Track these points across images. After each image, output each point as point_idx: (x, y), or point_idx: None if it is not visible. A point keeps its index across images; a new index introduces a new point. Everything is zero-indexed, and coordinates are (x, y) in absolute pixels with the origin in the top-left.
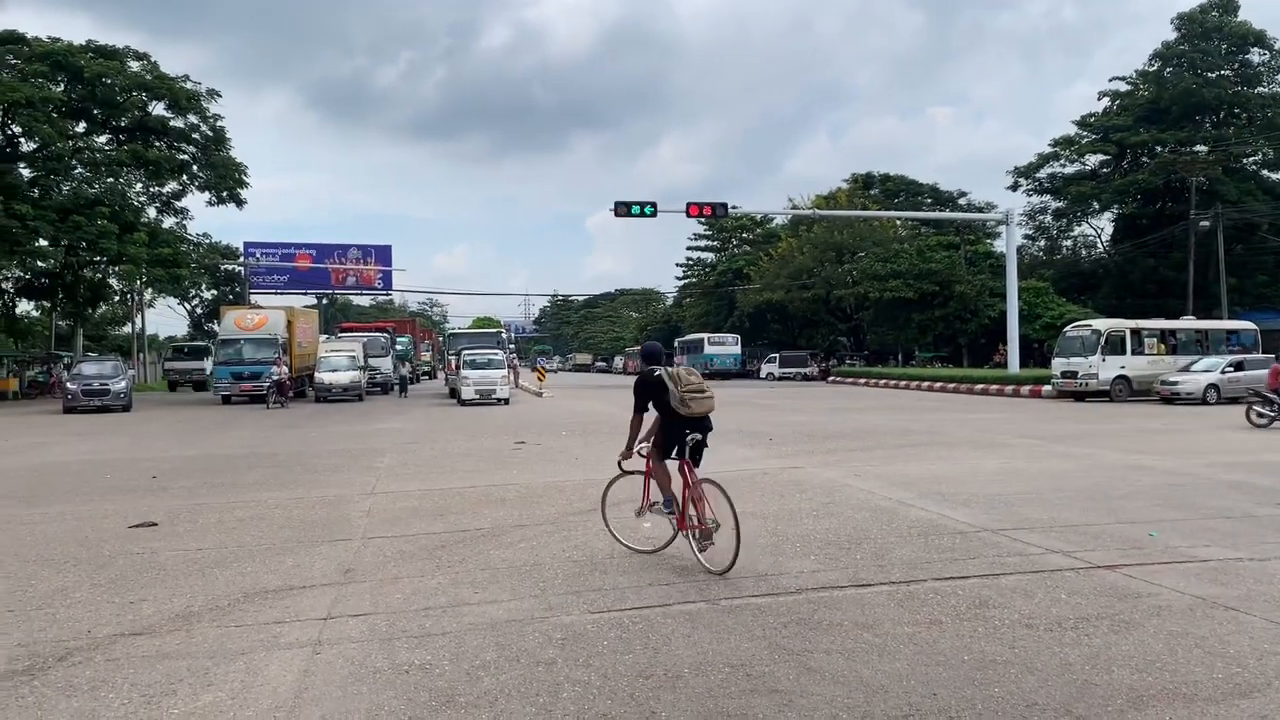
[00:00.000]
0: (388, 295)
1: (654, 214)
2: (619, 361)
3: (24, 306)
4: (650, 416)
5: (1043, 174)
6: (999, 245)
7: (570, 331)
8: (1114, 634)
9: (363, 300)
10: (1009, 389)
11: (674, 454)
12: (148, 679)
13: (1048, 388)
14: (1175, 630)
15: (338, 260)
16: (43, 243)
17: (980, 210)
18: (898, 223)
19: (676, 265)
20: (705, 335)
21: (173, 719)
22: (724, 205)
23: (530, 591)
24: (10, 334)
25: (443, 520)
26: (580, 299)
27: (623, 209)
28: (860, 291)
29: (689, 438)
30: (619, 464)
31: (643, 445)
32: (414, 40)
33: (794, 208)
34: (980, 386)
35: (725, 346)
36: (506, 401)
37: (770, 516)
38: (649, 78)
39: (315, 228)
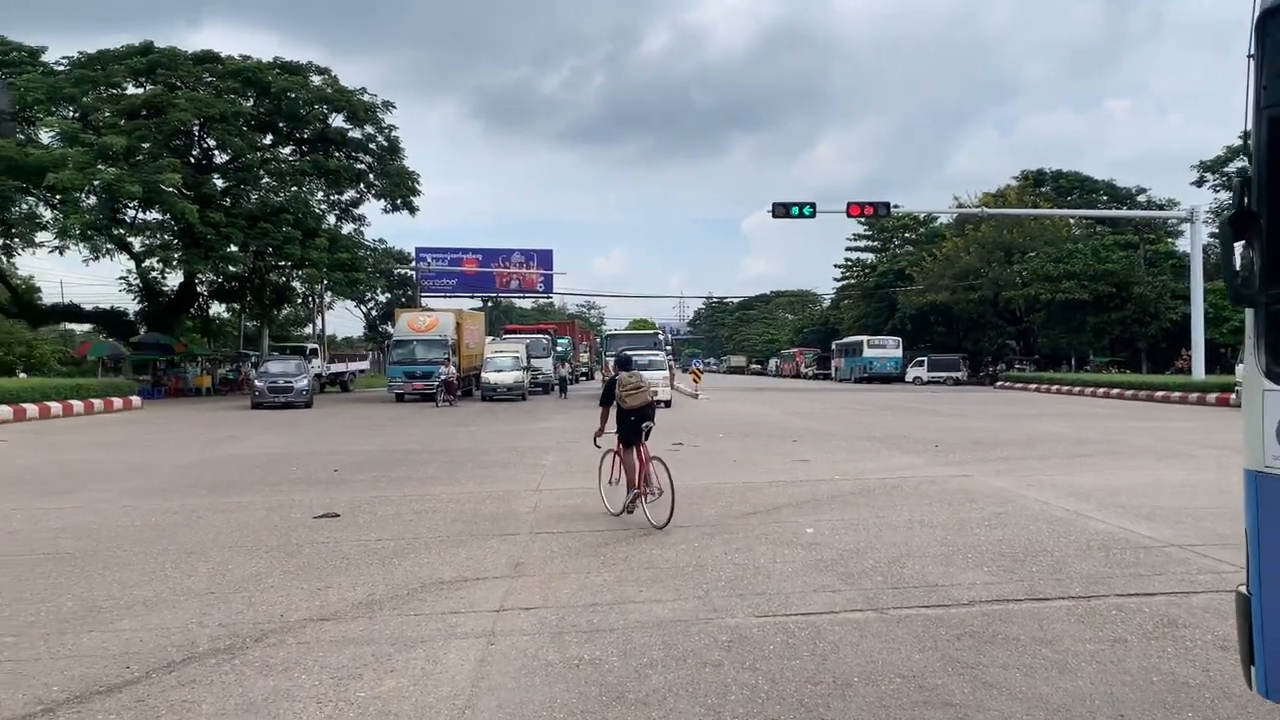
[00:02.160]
0: (548, 298)
1: (813, 214)
2: (774, 364)
3: (216, 308)
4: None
5: (1231, 168)
6: (1181, 244)
7: (725, 334)
8: None
9: (524, 303)
10: (1192, 396)
11: (633, 441)
12: (336, 662)
13: (1235, 395)
14: None
15: (502, 264)
16: (233, 248)
17: (1161, 208)
18: (1071, 221)
19: (834, 266)
20: (864, 338)
21: (360, 701)
22: (886, 204)
23: (694, 592)
24: (204, 334)
25: (605, 519)
26: (735, 301)
27: (781, 210)
28: (1030, 293)
29: (645, 426)
30: (595, 441)
31: (611, 434)
32: (576, 47)
33: (960, 206)
34: (1161, 394)
35: (885, 350)
36: (668, 404)
37: (939, 526)
38: (808, 76)
39: (480, 233)
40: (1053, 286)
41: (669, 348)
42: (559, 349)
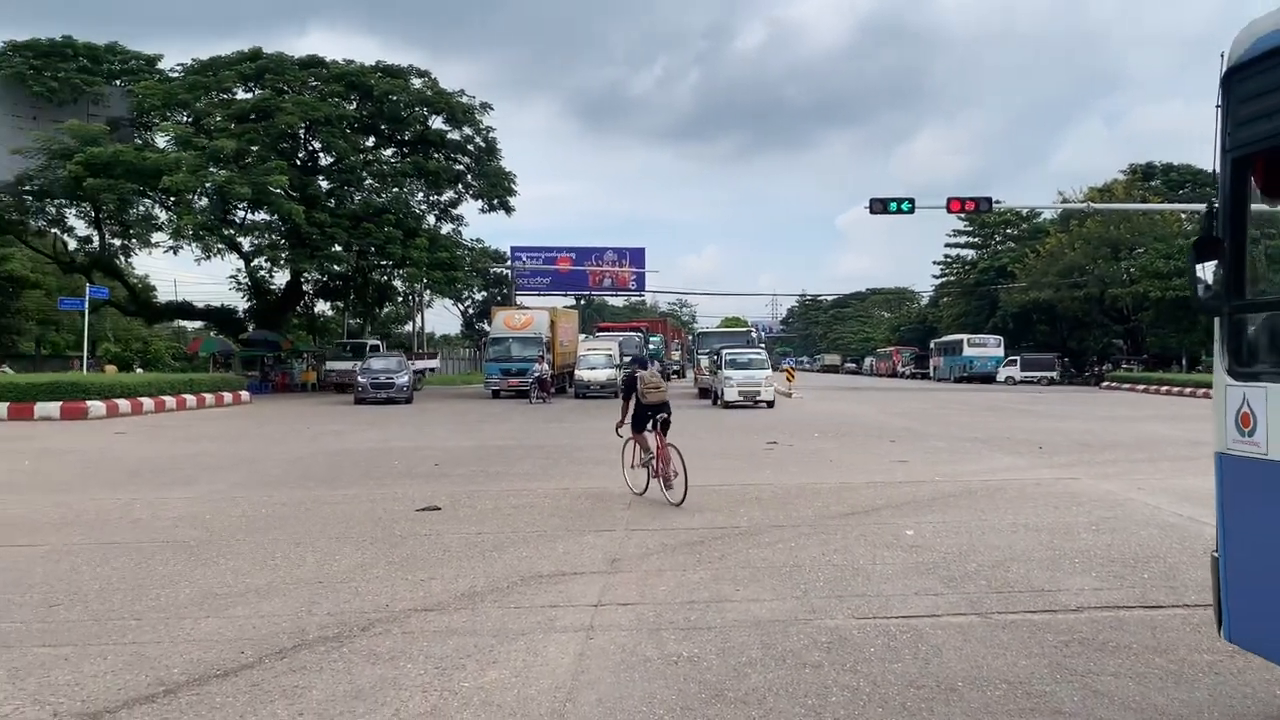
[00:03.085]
0: (640, 296)
1: (911, 210)
2: (869, 363)
3: (321, 306)
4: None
5: None
6: None
7: (819, 332)
8: None
9: (617, 300)
10: None
11: (647, 428)
12: (440, 652)
13: None
14: None
15: (595, 262)
16: (337, 248)
17: None
18: (1182, 216)
19: (933, 263)
20: (964, 337)
21: (463, 692)
22: (988, 200)
23: (791, 593)
24: (310, 331)
25: (700, 516)
26: (829, 298)
27: (879, 205)
28: (1139, 291)
29: (658, 417)
30: (617, 431)
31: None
32: (670, 45)
33: (1064, 201)
34: None
35: (986, 349)
36: (771, 404)
37: (1044, 529)
38: (906, 70)
39: (574, 231)
40: (1163, 284)
41: (761, 346)
42: (651, 347)
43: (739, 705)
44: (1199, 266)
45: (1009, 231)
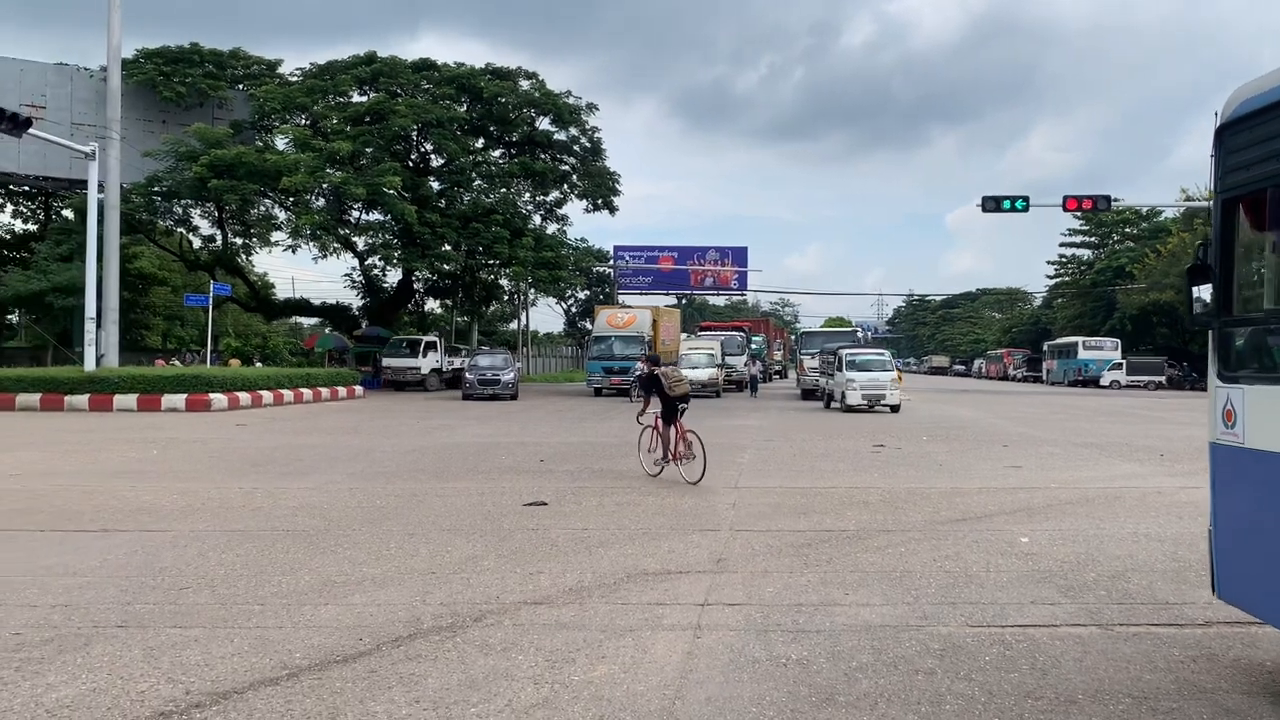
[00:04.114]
0: (742, 295)
1: (1025, 208)
2: (979, 365)
3: (430, 304)
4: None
5: None
6: None
7: (926, 333)
8: None
9: (718, 300)
10: None
11: (672, 419)
12: (550, 645)
13: None
14: None
15: (697, 262)
16: (447, 247)
17: None
18: None
19: (1046, 263)
20: (1079, 339)
21: (574, 685)
22: (1106, 198)
23: (902, 598)
24: (420, 328)
25: (806, 519)
26: (937, 299)
27: (991, 204)
28: None
29: (680, 407)
30: (638, 419)
31: (651, 413)
32: (775, 43)
33: (1188, 199)
34: None
35: (1103, 351)
36: (896, 409)
37: (1168, 540)
38: (1019, 65)
39: (676, 231)
40: None
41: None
42: (753, 347)
43: (850, 710)
44: (1195, 289)
45: (1128, 230)
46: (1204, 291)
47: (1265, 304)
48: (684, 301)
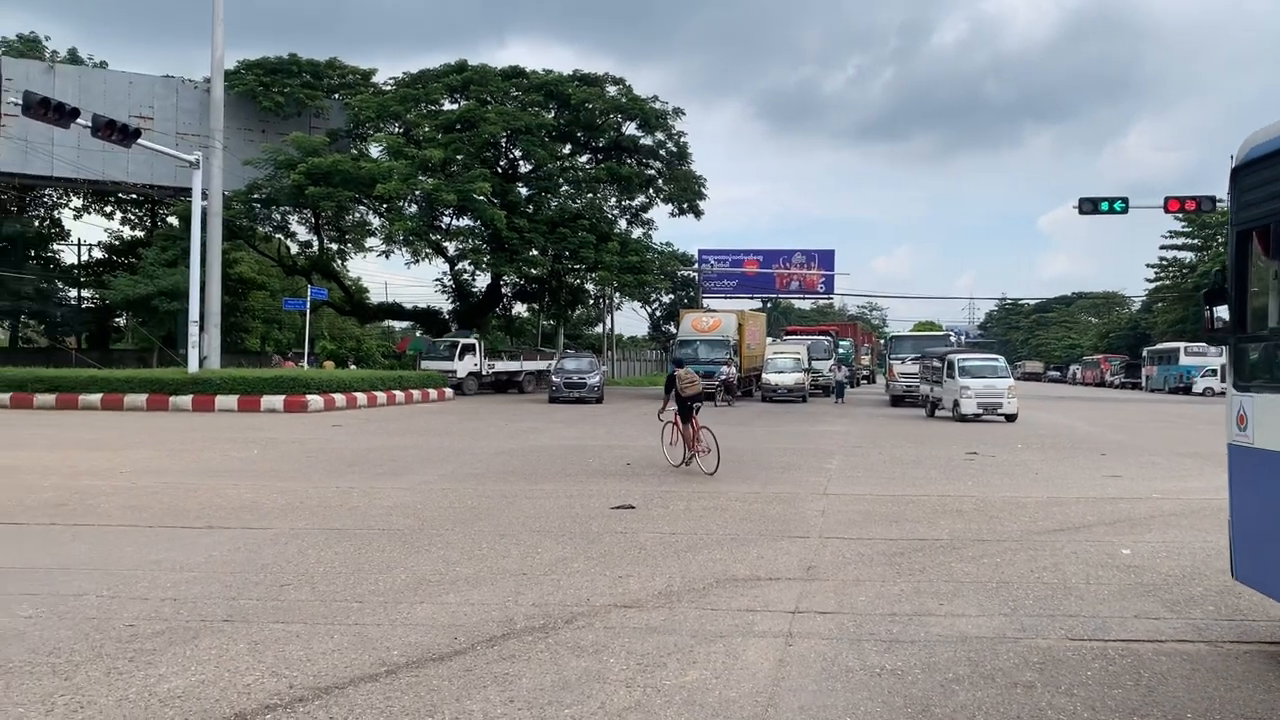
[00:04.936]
0: (829, 299)
1: (1125, 210)
2: (1074, 371)
3: (518, 308)
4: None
5: None
6: None
7: (1019, 338)
8: None
9: (804, 303)
10: None
11: (688, 417)
12: (641, 649)
13: None
14: None
15: (782, 265)
16: (534, 252)
17: None
18: None
19: (1146, 266)
20: (1181, 345)
21: (666, 689)
22: (1210, 198)
23: (999, 609)
24: (508, 332)
25: (898, 527)
26: (1031, 303)
27: (1088, 205)
28: None
29: (694, 405)
30: (659, 416)
31: (670, 409)
32: (863, 44)
33: None
34: None
35: (1206, 358)
36: (1013, 418)
37: None
38: (1116, 62)
39: (761, 234)
40: None
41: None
42: (840, 351)
43: None
44: (1213, 309)
45: None
46: (1221, 311)
47: (1271, 323)
48: (769, 305)
